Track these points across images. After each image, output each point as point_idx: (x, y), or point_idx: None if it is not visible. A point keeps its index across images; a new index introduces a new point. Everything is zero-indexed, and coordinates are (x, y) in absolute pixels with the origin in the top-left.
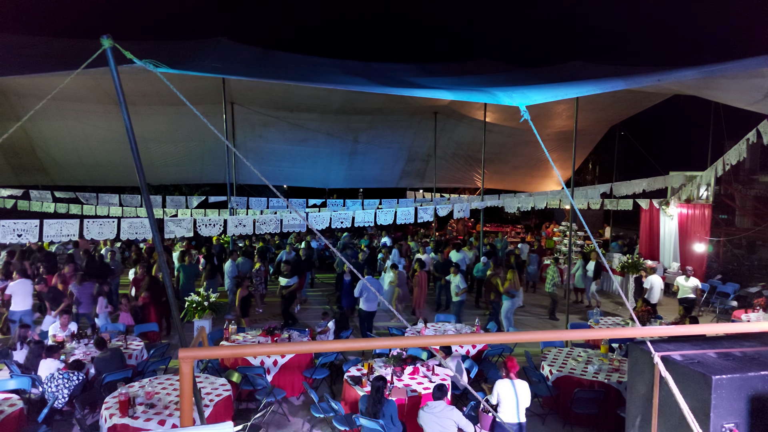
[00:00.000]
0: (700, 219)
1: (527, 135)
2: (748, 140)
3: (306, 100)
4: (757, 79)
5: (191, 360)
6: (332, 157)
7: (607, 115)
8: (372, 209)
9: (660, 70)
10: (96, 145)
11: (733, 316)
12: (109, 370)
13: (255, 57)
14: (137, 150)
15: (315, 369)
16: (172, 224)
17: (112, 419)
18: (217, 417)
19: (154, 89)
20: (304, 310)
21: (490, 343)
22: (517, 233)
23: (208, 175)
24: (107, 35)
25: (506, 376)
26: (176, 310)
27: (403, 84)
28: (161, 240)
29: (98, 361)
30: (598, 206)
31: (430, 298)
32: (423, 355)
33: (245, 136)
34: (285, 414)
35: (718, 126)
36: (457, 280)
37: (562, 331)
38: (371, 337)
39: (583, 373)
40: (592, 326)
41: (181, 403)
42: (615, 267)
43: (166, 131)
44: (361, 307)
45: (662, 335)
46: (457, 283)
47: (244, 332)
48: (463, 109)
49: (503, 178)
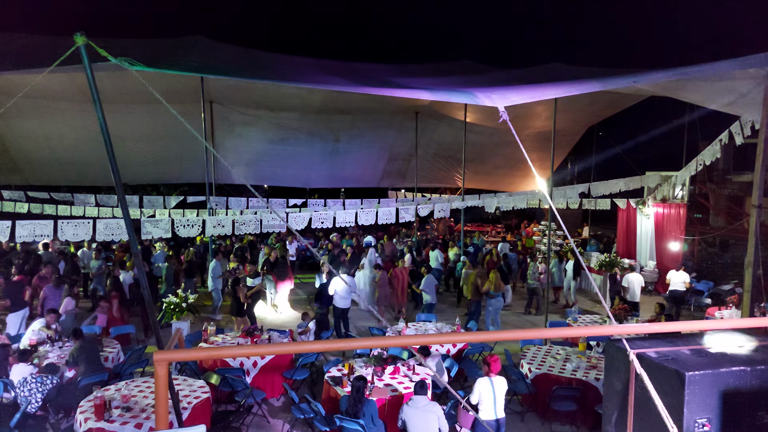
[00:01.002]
0: (676, 218)
1: (507, 135)
2: (721, 141)
3: (286, 99)
4: (728, 82)
5: (166, 362)
6: (313, 156)
7: (585, 116)
8: (353, 209)
9: (636, 72)
10: (71, 144)
11: (707, 313)
12: (87, 362)
13: (234, 56)
14: (112, 148)
15: (295, 370)
16: (149, 225)
17: (87, 423)
18: (195, 419)
19: (132, 87)
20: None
21: (470, 342)
22: (498, 233)
23: (187, 175)
24: (81, 32)
25: (486, 374)
26: (153, 311)
27: (384, 84)
28: (138, 241)
29: (72, 354)
30: (577, 206)
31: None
32: (404, 354)
33: (224, 135)
34: (265, 415)
35: (693, 127)
36: (423, 280)
37: (540, 330)
38: (351, 336)
39: (561, 371)
40: (570, 324)
41: (156, 406)
42: (593, 266)
43: (144, 130)
44: (335, 303)
45: (637, 333)
46: (425, 282)
47: (223, 333)
48: (443, 109)
49: (484, 178)
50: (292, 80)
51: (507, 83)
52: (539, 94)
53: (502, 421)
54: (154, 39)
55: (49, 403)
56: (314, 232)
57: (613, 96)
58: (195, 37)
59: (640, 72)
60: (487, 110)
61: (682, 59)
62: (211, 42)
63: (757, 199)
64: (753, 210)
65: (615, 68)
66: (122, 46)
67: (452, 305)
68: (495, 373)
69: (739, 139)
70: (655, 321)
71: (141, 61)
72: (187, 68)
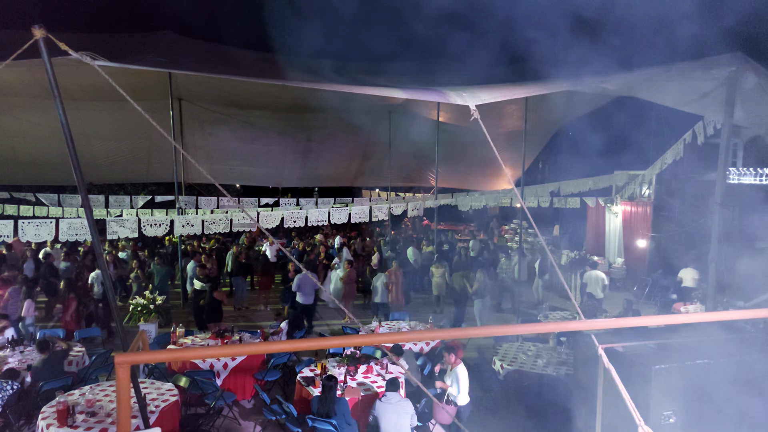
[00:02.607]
0: (643, 216)
1: (480, 135)
2: (685, 140)
3: (257, 97)
4: (691, 82)
5: (128, 365)
6: (285, 155)
7: (555, 116)
8: (326, 208)
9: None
10: (33, 142)
11: (674, 308)
12: (47, 377)
13: (203, 52)
14: (74, 145)
15: (267, 371)
16: (115, 224)
17: (50, 429)
18: (163, 423)
19: (97, 84)
20: (255, 312)
21: (443, 339)
22: (471, 231)
23: (155, 174)
24: (39, 25)
25: (457, 362)
26: (117, 313)
27: (356, 82)
28: (100, 241)
29: (36, 368)
30: (547, 204)
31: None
32: (377, 353)
33: (194, 133)
34: (236, 417)
35: (659, 127)
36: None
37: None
38: (320, 334)
39: (533, 367)
40: (540, 321)
41: (117, 409)
42: (563, 263)
43: (110, 128)
44: (297, 300)
45: (606, 327)
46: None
47: (193, 335)
48: (417, 108)
49: (457, 177)
50: (262, 77)
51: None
52: (510, 93)
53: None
54: (120, 34)
55: (9, 409)
56: (288, 232)
57: (582, 96)
58: (162, 33)
59: (609, 72)
60: (459, 109)
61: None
62: (179, 37)
63: (719, 196)
64: (716, 207)
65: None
66: (86, 40)
67: (427, 304)
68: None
69: (702, 138)
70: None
71: (104, 55)
72: (152, 63)
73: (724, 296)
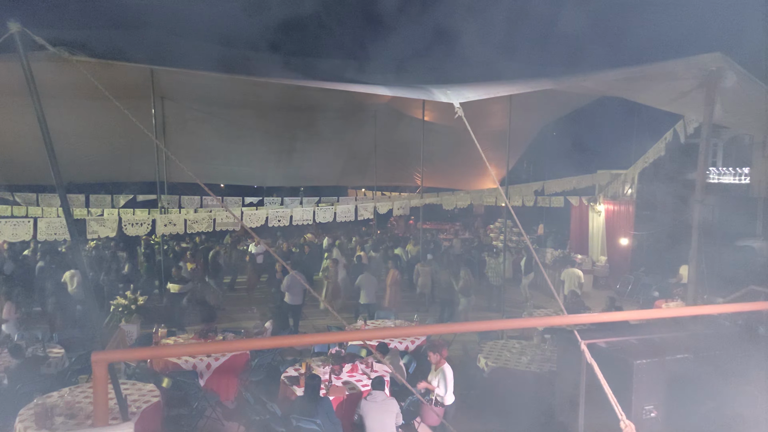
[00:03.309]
0: (625, 215)
1: (466, 134)
2: (666, 139)
3: (241, 96)
4: (672, 82)
5: (105, 363)
6: (269, 154)
7: (539, 116)
8: (311, 207)
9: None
10: (11, 141)
11: (655, 305)
12: (23, 382)
13: (186, 49)
14: (51, 142)
15: (251, 371)
16: (94, 224)
17: None
18: (145, 424)
19: (77, 80)
20: (241, 311)
21: (429, 335)
22: (455, 230)
23: (137, 173)
24: (15, 19)
25: (441, 361)
26: (96, 312)
27: (341, 79)
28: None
29: (11, 372)
30: (532, 203)
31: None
32: (362, 352)
33: (177, 132)
34: (219, 418)
35: (641, 126)
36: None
37: (496, 321)
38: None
39: (517, 364)
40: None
41: (95, 409)
42: (547, 261)
43: (91, 126)
44: (285, 300)
45: (589, 322)
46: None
47: (175, 335)
48: (402, 107)
49: (443, 177)
50: (246, 74)
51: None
52: (494, 91)
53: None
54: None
55: None
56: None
57: (566, 96)
58: (145, 29)
59: (591, 71)
60: (445, 109)
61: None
62: (163, 34)
63: (699, 195)
64: (696, 205)
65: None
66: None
67: (412, 302)
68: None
69: (683, 137)
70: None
71: (84, 51)
72: (134, 59)
73: (704, 292)
